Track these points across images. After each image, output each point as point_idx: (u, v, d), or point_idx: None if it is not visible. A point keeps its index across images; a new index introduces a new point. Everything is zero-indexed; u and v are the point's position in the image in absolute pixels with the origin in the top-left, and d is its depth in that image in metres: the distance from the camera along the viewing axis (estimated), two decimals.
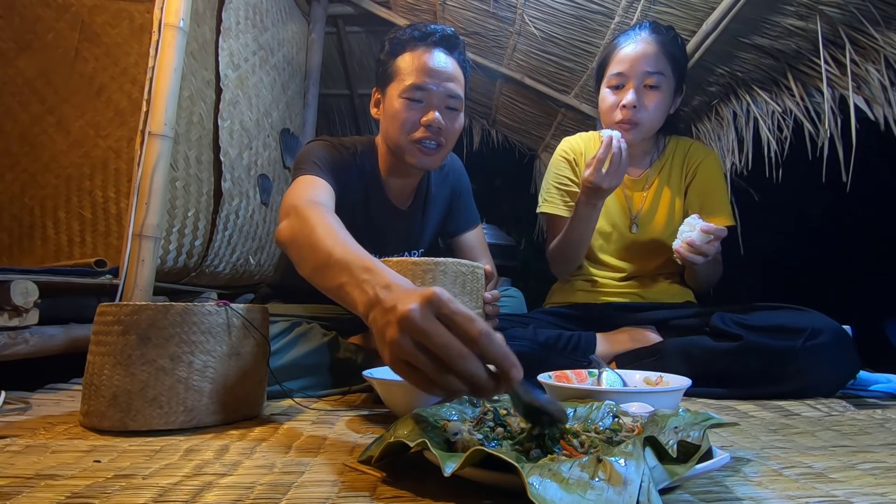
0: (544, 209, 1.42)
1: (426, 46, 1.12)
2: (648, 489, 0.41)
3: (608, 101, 1.28)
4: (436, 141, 1.13)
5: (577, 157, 1.42)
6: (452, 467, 0.46)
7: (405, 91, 1.11)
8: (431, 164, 1.17)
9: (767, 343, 1.01)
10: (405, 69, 1.12)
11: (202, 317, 0.78)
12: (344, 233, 0.80)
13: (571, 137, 1.47)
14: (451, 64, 1.14)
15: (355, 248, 0.73)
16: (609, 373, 0.90)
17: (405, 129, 1.12)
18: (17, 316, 1.05)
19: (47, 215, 1.54)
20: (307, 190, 1.01)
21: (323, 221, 0.82)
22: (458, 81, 1.14)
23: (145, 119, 1.25)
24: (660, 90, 1.25)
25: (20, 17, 1.62)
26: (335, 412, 0.90)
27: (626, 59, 1.25)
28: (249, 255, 1.86)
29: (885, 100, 1.33)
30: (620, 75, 1.26)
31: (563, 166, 1.42)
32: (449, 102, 1.13)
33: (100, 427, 0.74)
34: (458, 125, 1.16)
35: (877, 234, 1.94)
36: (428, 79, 1.10)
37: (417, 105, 1.12)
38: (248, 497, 0.49)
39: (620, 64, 1.26)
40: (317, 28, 2.44)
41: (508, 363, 0.50)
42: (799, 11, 1.42)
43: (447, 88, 1.12)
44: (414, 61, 1.12)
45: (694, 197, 1.36)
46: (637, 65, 1.24)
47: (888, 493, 0.50)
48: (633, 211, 1.37)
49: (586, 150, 1.42)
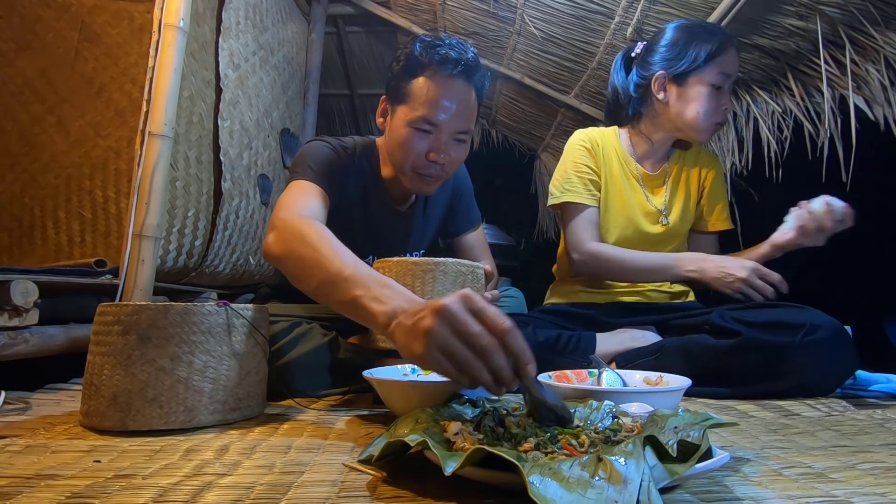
0: (567, 199, 1.32)
1: (445, 75, 1.05)
2: (649, 488, 0.41)
3: (712, 102, 1.24)
4: (438, 174, 1.12)
5: (595, 147, 1.37)
6: (453, 466, 0.46)
7: (415, 121, 1.06)
8: (428, 192, 1.17)
9: (766, 339, 1.01)
10: (418, 96, 1.06)
11: (202, 317, 0.78)
12: (348, 251, 0.81)
13: (585, 129, 1.42)
14: (468, 95, 1.08)
15: (365, 265, 0.77)
16: (609, 373, 0.90)
17: (409, 159, 1.10)
18: (17, 316, 1.05)
19: (47, 215, 1.54)
20: (298, 201, 1.00)
21: (324, 238, 0.83)
22: (471, 113, 1.10)
23: (145, 119, 1.25)
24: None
25: (20, 17, 1.62)
26: (335, 412, 0.90)
27: (730, 63, 1.23)
28: (249, 255, 1.86)
29: (885, 100, 1.33)
30: (726, 76, 1.23)
31: (583, 154, 1.36)
32: (459, 137, 1.10)
33: (100, 427, 0.74)
34: (463, 155, 1.14)
35: (877, 234, 1.94)
36: (441, 114, 1.05)
37: (425, 135, 1.08)
38: (248, 497, 0.49)
39: (728, 66, 1.23)
40: (317, 28, 2.44)
41: (526, 358, 0.55)
42: (799, 11, 1.42)
43: (458, 124, 1.08)
44: (430, 92, 1.05)
45: (707, 203, 1.38)
46: (735, 68, 1.25)
47: (888, 493, 0.50)
48: (657, 206, 1.35)
49: (603, 142, 1.38)
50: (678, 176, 1.38)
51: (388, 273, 0.97)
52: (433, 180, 1.13)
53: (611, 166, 1.37)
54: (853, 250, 1.99)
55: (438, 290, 0.95)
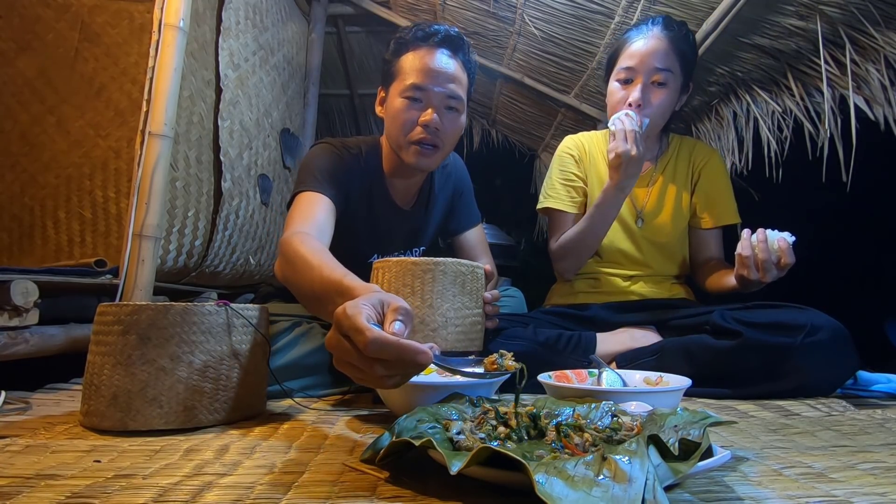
0: (548, 204, 1.40)
1: (429, 47, 1.13)
2: (654, 487, 0.41)
3: (616, 96, 1.28)
4: (433, 143, 1.13)
5: (582, 154, 1.42)
6: (459, 465, 0.46)
7: (405, 90, 1.12)
8: (429, 165, 1.17)
9: (766, 339, 1.01)
10: (407, 69, 1.12)
11: (202, 317, 0.78)
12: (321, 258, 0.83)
13: (574, 135, 1.47)
14: (453, 65, 1.14)
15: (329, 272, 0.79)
16: (609, 373, 0.90)
17: (404, 129, 1.13)
18: (17, 316, 1.05)
19: (47, 215, 1.53)
20: (299, 218, 1.03)
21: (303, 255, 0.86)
22: (460, 82, 1.14)
23: (145, 119, 1.25)
24: (667, 87, 1.25)
25: (20, 17, 1.62)
26: (335, 412, 0.90)
27: (636, 55, 1.25)
28: (249, 255, 1.86)
29: (885, 100, 1.33)
30: (629, 70, 1.26)
31: (568, 161, 1.42)
32: (449, 103, 1.13)
33: (100, 427, 0.74)
34: (458, 126, 1.16)
35: (877, 234, 1.94)
36: (427, 79, 1.10)
37: (417, 105, 1.12)
38: (248, 497, 0.49)
39: (630, 59, 1.26)
40: (317, 28, 2.44)
41: (412, 352, 0.53)
42: (799, 11, 1.42)
43: (447, 89, 1.12)
44: (415, 61, 1.12)
45: (701, 197, 1.38)
46: (646, 60, 1.24)
47: (888, 493, 0.50)
48: (637, 206, 1.37)
49: (590, 147, 1.42)
50: (667, 177, 1.39)
51: (388, 273, 0.97)
52: (431, 150, 1.14)
53: (598, 169, 1.41)
54: (853, 250, 2.00)
55: (438, 290, 0.95)
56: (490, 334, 1.10)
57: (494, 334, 1.12)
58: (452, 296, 0.96)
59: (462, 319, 0.97)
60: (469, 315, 0.98)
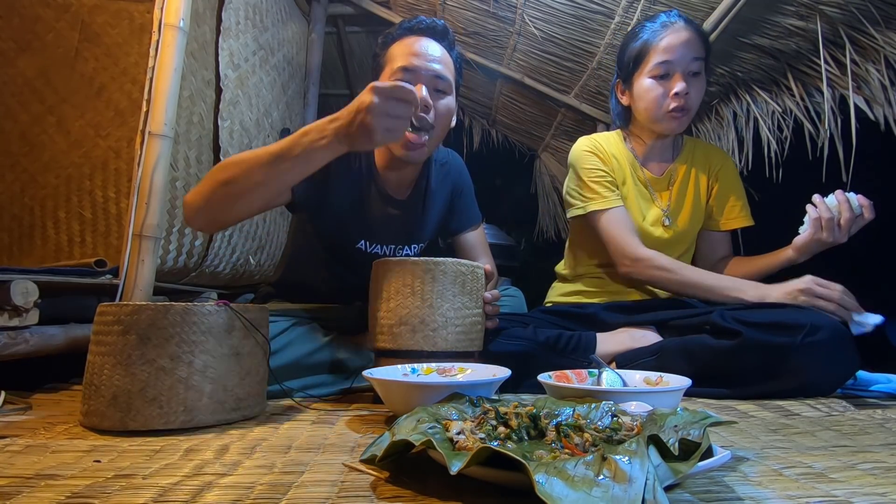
0: (594, 207, 1.32)
1: (414, 35, 1.16)
2: (654, 487, 0.41)
3: (655, 92, 1.27)
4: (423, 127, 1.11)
5: (602, 151, 1.38)
6: (459, 465, 0.46)
7: (393, 74, 1.12)
8: (418, 157, 1.15)
9: (766, 339, 1.01)
10: (394, 55, 1.14)
11: (202, 317, 0.78)
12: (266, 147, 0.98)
13: (587, 137, 1.43)
14: (439, 49, 1.16)
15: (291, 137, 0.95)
16: (609, 373, 0.90)
17: None
18: (17, 316, 1.05)
19: (47, 215, 1.53)
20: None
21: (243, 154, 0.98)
22: (446, 65, 1.15)
23: (145, 119, 1.25)
24: (701, 76, 1.28)
25: (20, 17, 1.62)
26: (335, 412, 0.90)
27: (672, 47, 1.25)
28: (249, 254, 1.86)
29: (885, 100, 1.33)
30: (667, 63, 1.26)
31: (593, 160, 1.36)
32: (437, 84, 1.13)
33: (100, 427, 0.74)
34: (447, 111, 1.15)
35: (877, 233, 1.94)
36: (415, 60, 1.12)
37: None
38: (248, 497, 0.49)
39: (666, 52, 1.25)
40: (317, 28, 2.44)
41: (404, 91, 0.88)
42: (799, 11, 1.42)
43: (434, 69, 1.12)
44: (402, 48, 1.14)
45: (718, 201, 1.39)
46: (685, 52, 1.25)
47: (888, 493, 0.50)
48: (661, 209, 1.37)
49: (608, 147, 1.39)
50: (686, 177, 1.39)
51: (388, 273, 0.98)
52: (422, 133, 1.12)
53: (623, 170, 1.38)
54: (853, 250, 1.99)
55: (438, 290, 0.95)
56: (490, 334, 1.10)
57: (494, 334, 1.12)
58: (452, 296, 0.96)
59: (462, 319, 0.97)
60: (469, 315, 0.98)
